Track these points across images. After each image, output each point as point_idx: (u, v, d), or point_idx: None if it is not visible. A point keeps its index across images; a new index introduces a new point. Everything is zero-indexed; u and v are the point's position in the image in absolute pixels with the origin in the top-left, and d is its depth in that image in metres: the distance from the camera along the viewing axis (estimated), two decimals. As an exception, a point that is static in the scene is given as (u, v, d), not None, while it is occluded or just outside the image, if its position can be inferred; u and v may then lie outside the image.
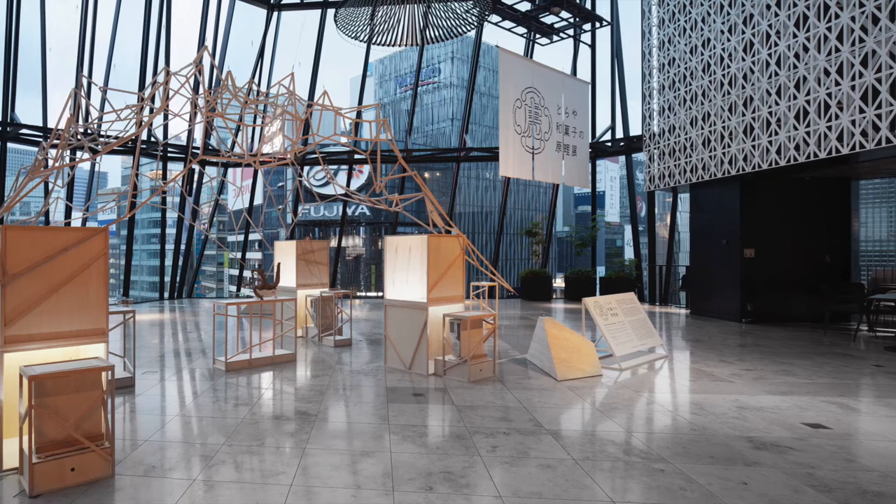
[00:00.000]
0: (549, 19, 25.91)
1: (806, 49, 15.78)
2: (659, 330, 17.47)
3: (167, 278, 28.35)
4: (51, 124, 23.76)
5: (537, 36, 27.48)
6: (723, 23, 18.79)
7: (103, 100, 14.07)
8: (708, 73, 19.61)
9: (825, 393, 10.17)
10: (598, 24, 27.26)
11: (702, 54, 19.88)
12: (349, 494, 5.85)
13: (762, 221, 19.38)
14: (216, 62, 26.44)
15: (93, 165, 19.94)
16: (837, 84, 14.86)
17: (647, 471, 6.51)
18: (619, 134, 27.58)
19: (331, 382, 10.75)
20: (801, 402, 9.49)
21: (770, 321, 19.15)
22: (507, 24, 25.82)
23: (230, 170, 37.06)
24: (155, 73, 25.51)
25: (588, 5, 27.22)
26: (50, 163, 10.19)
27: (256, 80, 28.00)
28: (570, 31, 27.09)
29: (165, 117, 18.75)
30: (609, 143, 28.26)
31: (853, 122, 14.37)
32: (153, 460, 6.69)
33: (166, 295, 28.10)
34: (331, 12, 27.10)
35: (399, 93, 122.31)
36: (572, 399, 9.67)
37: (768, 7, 16.93)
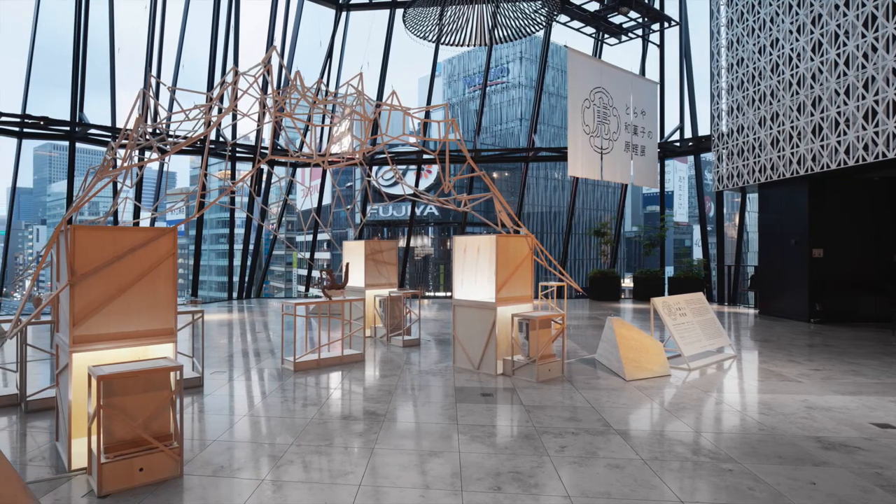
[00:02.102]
0: (617, 19, 25.77)
1: (874, 49, 15.53)
2: (727, 330, 17.32)
3: (235, 278, 28.56)
4: (119, 124, 24.05)
5: (606, 36, 27.32)
6: (791, 23, 18.57)
7: (172, 100, 14.17)
8: (776, 73, 19.39)
9: (893, 393, 10.08)
10: (666, 24, 27.02)
11: (770, 54, 19.67)
12: (417, 494, 5.81)
13: (830, 221, 19.16)
14: (285, 62, 26.61)
15: (161, 165, 20.08)
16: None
17: (716, 471, 6.48)
18: (688, 134, 27.34)
19: (399, 382, 10.71)
20: (869, 402, 9.40)
21: (838, 321, 18.93)
22: (576, 24, 25.68)
23: (299, 170, 37.25)
24: (224, 73, 25.70)
25: (657, 5, 27.04)
26: (118, 163, 10.25)
27: (325, 79, 28.09)
28: (639, 31, 26.89)
29: (234, 117, 18.83)
30: (678, 143, 28.01)
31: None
32: (222, 460, 6.68)
33: (235, 295, 28.33)
34: (399, 12, 27.15)
35: (468, 93, 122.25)
36: (641, 399, 9.59)
37: (837, 7, 16.71)
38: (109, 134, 23.00)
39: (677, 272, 28.41)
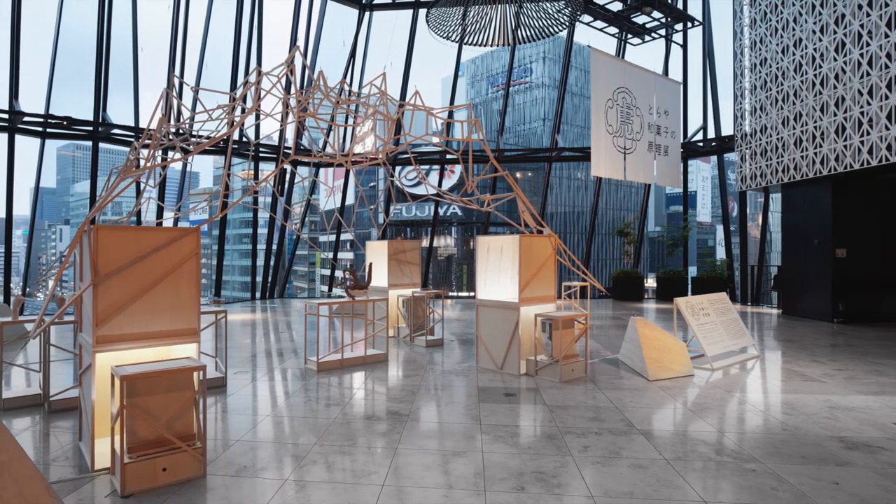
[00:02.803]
0: (640, 19, 25.71)
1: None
2: (750, 330, 17.29)
3: (259, 278, 28.61)
4: (142, 124, 24.11)
5: (629, 36, 27.26)
6: (814, 23, 18.54)
7: (195, 100, 14.19)
8: (799, 73, 19.36)
9: (918, 393, 10.02)
10: (689, 24, 26.93)
11: (793, 54, 19.64)
12: (441, 494, 5.80)
13: (854, 221, 19.13)
14: (308, 62, 26.64)
15: (184, 165, 20.14)
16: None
17: (739, 471, 6.48)
18: (711, 134, 27.32)
19: (422, 382, 10.70)
20: (892, 402, 9.40)
21: (861, 321, 18.91)
22: (599, 24, 25.62)
23: (322, 170, 37.32)
24: (247, 73, 25.74)
25: (680, 5, 26.97)
26: (142, 163, 10.26)
27: (348, 79, 28.11)
28: (662, 31, 26.83)
29: (257, 117, 18.83)
30: (701, 143, 27.98)
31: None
32: (245, 460, 6.69)
33: (258, 295, 28.40)
34: (422, 12, 27.15)
35: (491, 93, 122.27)
36: (664, 399, 9.59)
37: (860, 7, 16.67)
38: (133, 134, 23.07)
39: (700, 272, 28.36)
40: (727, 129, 25.62)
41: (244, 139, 25.78)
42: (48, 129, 21.43)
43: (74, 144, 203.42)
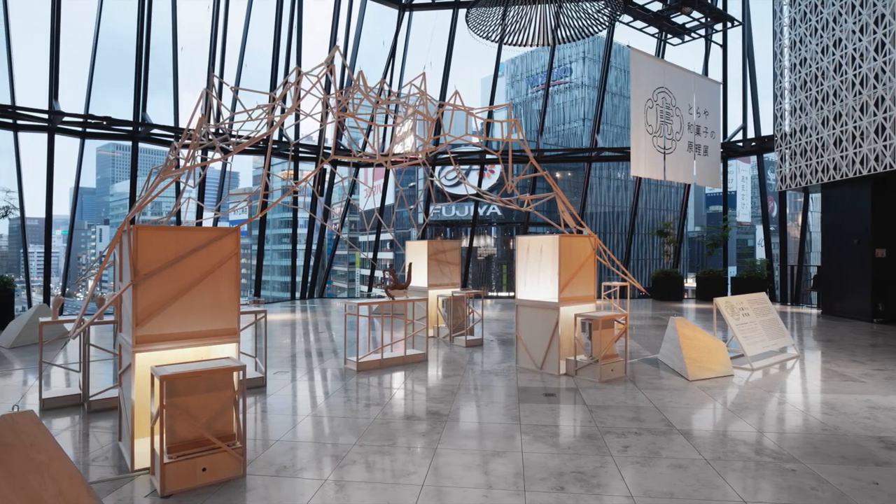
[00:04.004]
0: (680, 19, 25.57)
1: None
2: (790, 330, 17.14)
3: (298, 278, 28.66)
4: (182, 124, 24.14)
5: (668, 36, 27.12)
6: (854, 23, 18.46)
7: (234, 100, 14.26)
8: (839, 74, 19.27)
9: (958, 393, 9.97)
10: (729, 24, 26.77)
11: (833, 54, 19.55)
12: (480, 494, 5.81)
13: (893, 221, 19.08)
14: (347, 62, 26.67)
15: (224, 165, 20.23)
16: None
17: (779, 471, 6.48)
18: (751, 134, 27.25)
19: (462, 382, 10.69)
20: (933, 402, 9.30)
21: (901, 321, 18.67)
22: (639, 24, 25.49)
23: (361, 170, 37.37)
24: (286, 72, 25.79)
25: (720, 5, 26.85)
26: (181, 163, 10.29)
27: (388, 79, 28.14)
28: (702, 31, 26.68)
29: (297, 117, 18.90)
30: (740, 143, 27.92)
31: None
32: (284, 460, 6.69)
33: (297, 295, 28.48)
34: (462, 12, 27.10)
35: (530, 93, 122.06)
36: (703, 399, 9.58)
37: (900, 7, 16.53)
38: (172, 134, 23.17)
39: (740, 272, 28.18)
40: (767, 130, 25.67)
41: (284, 139, 25.84)
42: (88, 130, 21.57)
43: (114, 144, 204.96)
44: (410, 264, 14.45)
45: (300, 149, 26.91)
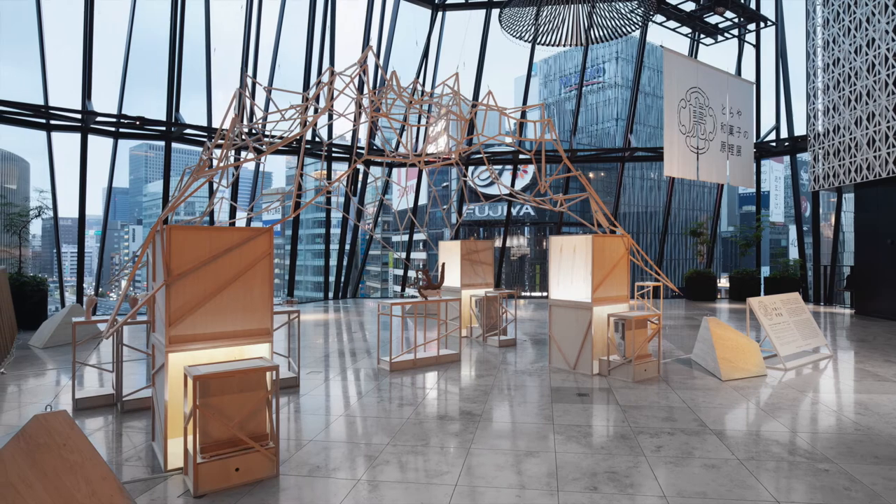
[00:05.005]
0: (713, 19, 25.56)
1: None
2: (823, 330, 17.15)
3: (331, 278, 28.71)
4: (215, 124, 24.26)
5: (701, 36, 27.09)
6: (887, 23, 18.42)
7: (268, 100, 14.30)
8: (872, 73, 19.21)
9: None
10: (762, 24, 26.68)
11: (866, 54, 19.52)
12: (513, 494, 5.81)
13: (928, 221, 18.79)
14: (381, 62, 26.71)
15: (257, 165, 20.27)
16: None
17: (812, 471, 6.48)
18: (784, 134, 27.20)
19: (495, 382, 10.67)
20: (966, 402, 9.26)
21: (936, 321, 18.60)
22: (672, 24, 25.46)
23: (395, 170, 37.40)
24: (320, 72, 25.84)
25: (753, 5, 26.74)
26: (214, 163, 10.31)
27: (421, 79, 28.13)
28: (735, 31, 26.64)
29: (330, 117, 18.92)
30: (773, 143, 27.83)
31: None
32: (317, 460, 6.69)
33: (331, 295, 28.54)
34: (495, 12, 27.06)
35: (563, 93, 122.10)
36: (737, 399, 9.59)
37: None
38: (205, 134, 23.26)
39: (773, 272, 28.06)
40: (800, 130, 25.64)
41: (317, 139, 25.88)
42: (121, 129, 21.68)
43: (147, 144, 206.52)
44: (444, 264, 14.44)
45: (333, 149, 26.95)
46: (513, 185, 30.59)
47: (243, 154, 19.80)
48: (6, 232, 18.00)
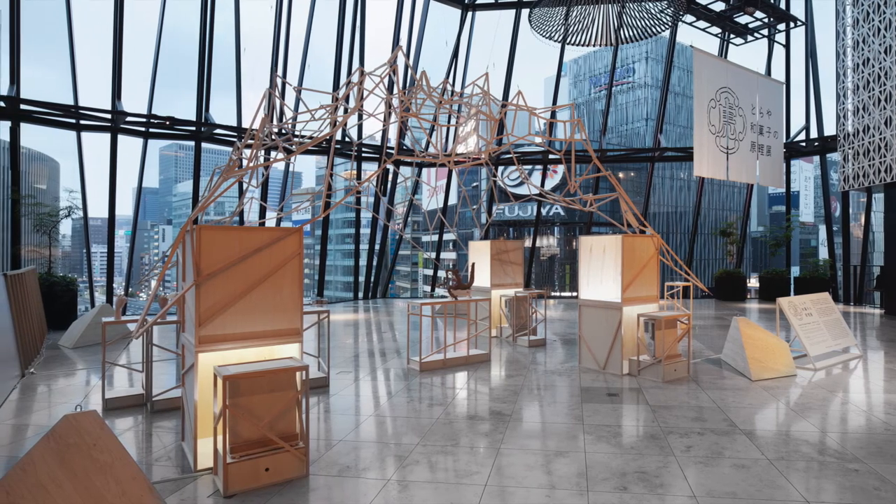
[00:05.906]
0: (743, 19, 25.48)
1: None
2: (853, 330, 17.12)
3: (361, 278, 28.74)
4: (245, 124, 24.30)
5: (731, 36, 27.04)
6: (917, 23, 18.14)
7: (297, 100, 14.31)
8: (903, 74, 18.88)
9: None
10: (792, 24, 26.58)
11: (896, 54, 19.16)
12: (543, 494, 5.81)
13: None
14: (410, 62, 26.70)
15: (287, 165, 20.29)
16: None
17: (841, 471, 6.48)
18: (814, 134, 27.09)
19: (525, 382, 10.66)
20: None
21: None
22: (701, 24, 25.39)
23: (424, 170, 37.43)
24: (349, 72, 25.87)
25: (782, 5, 26.70)
26: (244, 163, 10.34)
27: (451, 79, 28.16)
28: (765, 32, 26.57)
29: (360, 117, 18.94)
30: (803, 143, 27.73)
31: None
32: (347, 460, 6.70)
33: (360, 295, 28.60)
34: (525, 12, 27.04)
35: (593, 93, 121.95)
36: (766, 399, 9.57)
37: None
38: (235, 134, 23.33)
39: (803, 272, 27.96)
40: (830, 130, 25.54)
41: (347, 139, 25.92)
42: (151, 130, 21.77)
43: (177, 144, 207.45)
44: (473, 264, 14.42)
45: (363, 149, 26.99)
46: (542, 184, 30.56)
47: (273, 154, 19.85)
48: (36, 232, 18.10)
